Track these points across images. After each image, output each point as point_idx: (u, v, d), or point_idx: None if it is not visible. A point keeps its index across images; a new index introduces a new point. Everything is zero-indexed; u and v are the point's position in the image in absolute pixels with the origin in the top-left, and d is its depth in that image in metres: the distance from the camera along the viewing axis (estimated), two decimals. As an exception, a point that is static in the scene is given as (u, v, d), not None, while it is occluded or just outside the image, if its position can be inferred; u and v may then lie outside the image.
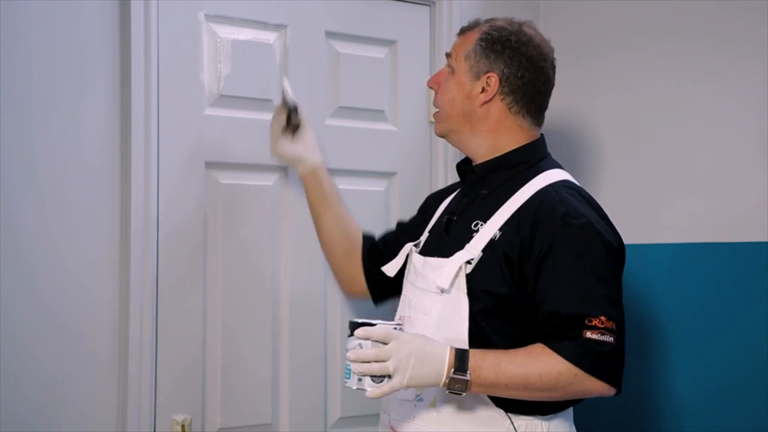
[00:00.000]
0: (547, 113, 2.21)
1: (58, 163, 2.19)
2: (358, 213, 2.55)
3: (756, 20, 2.51)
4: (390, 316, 2.19)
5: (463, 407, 2.02)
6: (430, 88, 2.24)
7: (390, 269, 2.25)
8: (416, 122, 2.72)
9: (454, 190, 2.30)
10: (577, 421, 2.16)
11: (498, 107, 2.13)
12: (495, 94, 2.12)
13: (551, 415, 2.04)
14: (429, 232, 2.24)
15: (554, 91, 2.19)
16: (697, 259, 2.60)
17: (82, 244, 2.22)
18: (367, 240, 2.41)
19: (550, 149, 2.21)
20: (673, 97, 2.67)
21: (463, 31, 2.21)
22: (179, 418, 2.31)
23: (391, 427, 2.12)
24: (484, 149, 2.15)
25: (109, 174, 2.26)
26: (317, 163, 2.39)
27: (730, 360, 2.54)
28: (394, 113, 2.69)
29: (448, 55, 2.20)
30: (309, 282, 2.52)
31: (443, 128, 2.20)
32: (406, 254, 2.23)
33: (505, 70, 2.12)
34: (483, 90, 2.13)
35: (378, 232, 2.46)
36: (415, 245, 2.23)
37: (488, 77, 2.12)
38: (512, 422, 2.01)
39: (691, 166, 2.63)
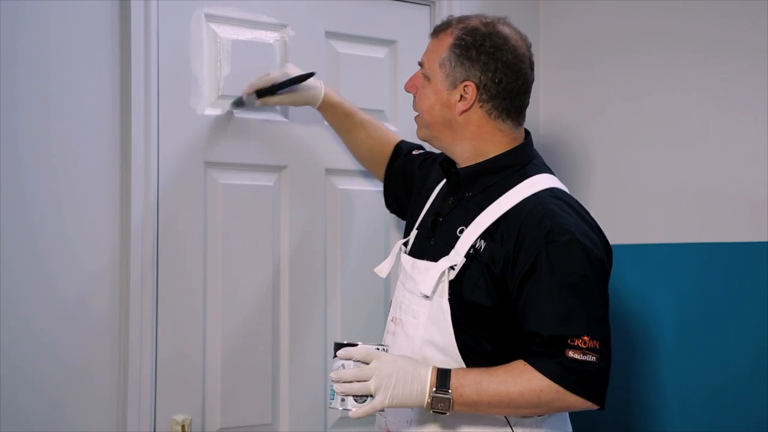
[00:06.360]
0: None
1: (57, 163, 2.19)
2: (360, 212, 2.59)
3: (756, 29, 2.51)
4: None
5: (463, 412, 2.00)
6: (408, 92, 2.20)
7: (383, 270, 2.25)
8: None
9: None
10: (574, 418, 2.16)
11: (477, 114, 2.09)
12: (473, 102, 2.08)
13: (546, 415, 2.04)
14: (417, 228, 2.22)
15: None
16: (697, 259, 2.60)
17: (82, 245, 2.22)
18: (395, 153, 2.49)
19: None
20: (674, 100, 2.67)
21: (436, 32, 2.15)
22: (179, 418, 2.31)
23: (387, 430, 2.12)
24: (468, 154, 2.13)
25: (109, 174, 2.25)
26: (323, 92, 2.43)
27: (729, 360, 2.54)
28: (394, 113, 2.69)
29: (420, 64, 2.15)
30: (309, 282, 2.52)
31: (425, 134, 2.18)
32: (396, 253, 2.23)
33: (482, 78, 2.07)
34: (461, 98, 2.08)
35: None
36: (404, 244, 2.22)
37: (465, 86, 2.08)
38: (510, 425, 2.02)
39: (691, 167, 2.63)
